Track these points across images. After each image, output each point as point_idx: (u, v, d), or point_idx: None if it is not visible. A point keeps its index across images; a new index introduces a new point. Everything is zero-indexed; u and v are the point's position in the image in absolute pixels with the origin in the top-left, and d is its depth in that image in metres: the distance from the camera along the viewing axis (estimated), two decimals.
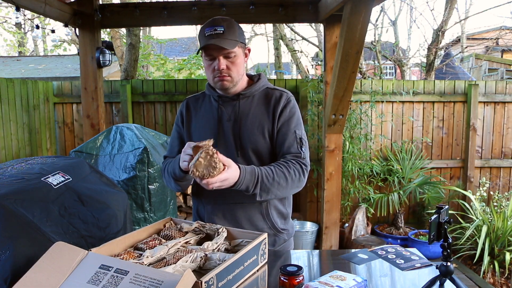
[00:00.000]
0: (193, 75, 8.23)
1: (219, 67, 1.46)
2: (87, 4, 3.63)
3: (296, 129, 1.53)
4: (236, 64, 1.48)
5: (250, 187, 1.38)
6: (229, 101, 1.56)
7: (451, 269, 1.16)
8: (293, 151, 1.50)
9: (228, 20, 1.47)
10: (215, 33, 1.43)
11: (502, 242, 3.70)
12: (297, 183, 1.48)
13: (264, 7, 3.62)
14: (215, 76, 1.49)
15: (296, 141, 1.51)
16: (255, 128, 1.52)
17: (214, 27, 1.43)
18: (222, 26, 1.43)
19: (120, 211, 1.71)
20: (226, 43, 1.42)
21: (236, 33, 1.46)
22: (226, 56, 1.46)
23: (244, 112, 1.54)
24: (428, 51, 6.25)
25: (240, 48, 1.49)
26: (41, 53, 14.34)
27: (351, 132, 4.35)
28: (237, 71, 1.50)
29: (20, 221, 1.24)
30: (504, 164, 4.64)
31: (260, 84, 1.58)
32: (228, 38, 1.43)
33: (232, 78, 1.49)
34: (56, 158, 1.72)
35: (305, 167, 1.50)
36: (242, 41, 1.50)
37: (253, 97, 1.57)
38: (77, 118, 4.64)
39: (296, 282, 1.08)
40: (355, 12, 2.73)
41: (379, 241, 4.05)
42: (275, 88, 1.59)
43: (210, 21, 1.47)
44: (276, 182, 1.42)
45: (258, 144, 1.52)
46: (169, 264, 1.17)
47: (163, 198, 3.12)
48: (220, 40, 1.42)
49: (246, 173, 1.37)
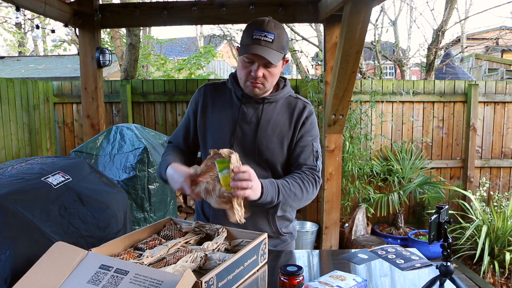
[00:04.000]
0: (193, 75, 8.23)
1: (256, 75, 1.39)
2: (87, 4, 3.63)
3: (313, 142, 1.51)
4: (273, 74, 1.43)
5: (274, 197, 1.34)
6: (253, 103, 1.51)
7: (451, 269, 1.16)
8: (309, 163, 1.48)
9: (280, 28, 1.38)
10: (264, 39, 1.35)
11: (502, 242, 3.70)
12: (310, 195, 1.45)
13: (264, 7, 3.62)
14: (248, 79, 1.43)
15: (312, 154, 1.50)
16: (274, 136, 1.49)
17: (265, 33, 1.35)
18: (273, 34, 1.35)
19: (120, 211, 1.71)
20: (272, 55, 1.35)
21: (284, 44, 1.39)
22: (266, 65, 1.39)
23: (266, 118, 1.49)
24: (428, 51, 6.25)
25: (281, 60, 1.43)
26: (41, 53, 14.34)
27: (351, 132, 4.35)
28: (272, 81, 1.45)
29: (20, 221, 1.23)
30: (504, 164, 4.64)
31: (285, 91, 1.54)
32: (275, 49, 1.36)
33: (264, 86, 1.44)
34: (56, 158, 1.72)
35: (318, 180, 1.48)
36: (286, 53, 1.43)
37: (276, 103, 1.52)
38: (77, 118, 4.64)
39: (296, 282, 1.08)
40: (355, 12, 2.73)
41: (379, 241, 4.05)
42: (298, 98, 1.56)
43: (261, 22, 1.37)
44: (293, 193, 1.39)
45: (274, 152, 1.49)
46: (169, 264, 1.17)
47: (163, 198, 3.12)
48: (267, 50, 1.35)
49: (267, 183, 1.33)
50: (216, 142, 1.53)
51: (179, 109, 4.53)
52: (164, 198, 3.14)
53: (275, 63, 1.37)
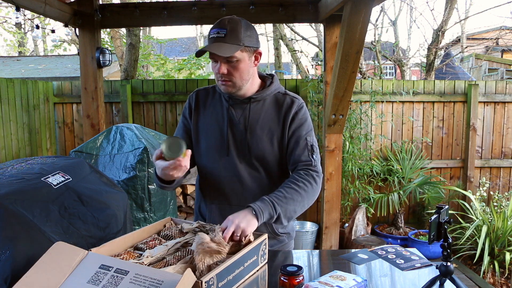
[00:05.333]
0: (193, 75, 8.24)
1: (220, 71, 1.40)
2: (87, 4, 3.63)
3: (307, 136, 1.50)
4: (238, 69, 1.41)
5: (271, 211, 1.34)
6: (240, 104, 1.51)
7: (451, 269, 1.16)
8: (304, 159, 1.47)
9: (234, 22, 1.39)
10: (217, 36, 1.37)
11: (502, 242, 3.70)
12: (312, 192, 1.44)
13: (264, 7, 3.62)
14: (217, 79, 1.45)
15: (307, 149, 1.48)
16: (264, 134, 1.49)
17: (218, 30, 1.38)
18: (224, 29, 1.36)
19: (120, 211, 1.71)
20: (223, 48, 1.36)
21: (240, 36, 1.37)
22: (228, 61, 1.39)
23: (254, 117, 1.50)
24: (428, 51, 6.24)
25: (244, 52, 1.40)
26: (41, 53, 14.35)
27: (351, 132, 4.35)
28: (240, 76, 1.43)
29: (20, 221, 1.23)
30: (504, 164, 4.64)
31: (272, 89, 1.53)
32: (228, 42, 1.36)
33: (233, 83, 1.43)
34: (56, 158, 1.72)
35: (316, 174, 1.47)
36: (249, 45, 1.40)
37: (264, 101, 1.52)
38: (77, 118, 4.64)
39: (296, 282, 1.08)
40: (355, 12, 2.73)
41: (379, 241, 4.05)
42: (286, 93, 1.54)
43: (217, 21, 1.41)
44: (290, 199, 1.38)
45: (265, 151, 1.49)
46: (169, 264, 1.17)
47: (163, 198, 3.12)
48: (219, 45, 1.36)
49: (258, 204, 1.34)
50: (209, 146, 1.54)
51: (179, 109, 4.53)
52: (164, 198, 3.14)
53: (225, 55, 1.36)
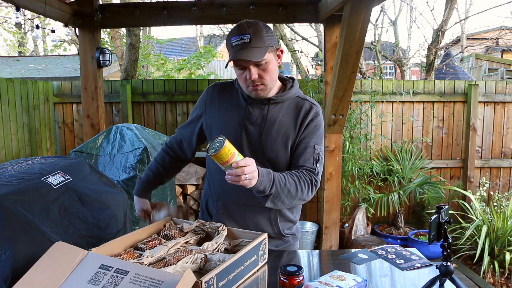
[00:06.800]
0: (193, 75, 8.23)
1: (251, 77, 1.40)
2: (87, 4, 3.63)
3: (316, 144, 1.49)
4: (268, 70, 1.42)
5: (267, 187, 1.32)
6: (258, 104, 1.50)
7: (451, 269, 1.16)
8: (308, 165, 1.46)
9: (254, 25, 1.38)
10: (242, 42, 1.36)
11: (502, 242, 3.70)
12: (304, 195, 1.43)
13: (264, 7, 3.62)
14: (248, 85, 1.44)
15: (313, 157, 1.48)
16: (279, 137, 1.48)
17: (241, 36, 1.36)
18: (248, 34, 1.35)
19: (120, 211, 1.71)
20: (254, 53, 1.35)
21: (264, 38, 1.38)
22: (257, 65, 1.39)
23: (271, 119, 1.49)
24: (428, 51, 6.24)
25: (270, 53, 1.41)
26: (41, 53, 14.33)
27: (351, 132, 4.35)
28: (271, 77, 1.44)
29: (20, 221, 1.23)
30: (504, 164, 4.64)
31: (292, 92, 1.52)
32: (256, 46, 1.36)
33: (265, 85, 1.44)
34: (56, 158, 1.72)
35: (315, 183, 1.46)
36: (272, 45, 1.41)
37: (282, 104, 1.51)
38: (77, 118, 4.64)
39: (296, 282, 1.08)
40: (355, 12, 2.73)
41: (379, 241, 4.05)
42: (305, 99, 1.54)
43: (236, 28, 1.39)
44: (287, 188, 1.37)
45: (278, 153, 1.48)
46: (169, 264, 1.17)
47: (163, 198, 3.12)
48: (247, 51, 1.35)
49: (263, 172, 1.32)
50: None
51: (179, 109, 4.53)
52: (164, 198, 3.14)
53: (258, 59, 1.36)
